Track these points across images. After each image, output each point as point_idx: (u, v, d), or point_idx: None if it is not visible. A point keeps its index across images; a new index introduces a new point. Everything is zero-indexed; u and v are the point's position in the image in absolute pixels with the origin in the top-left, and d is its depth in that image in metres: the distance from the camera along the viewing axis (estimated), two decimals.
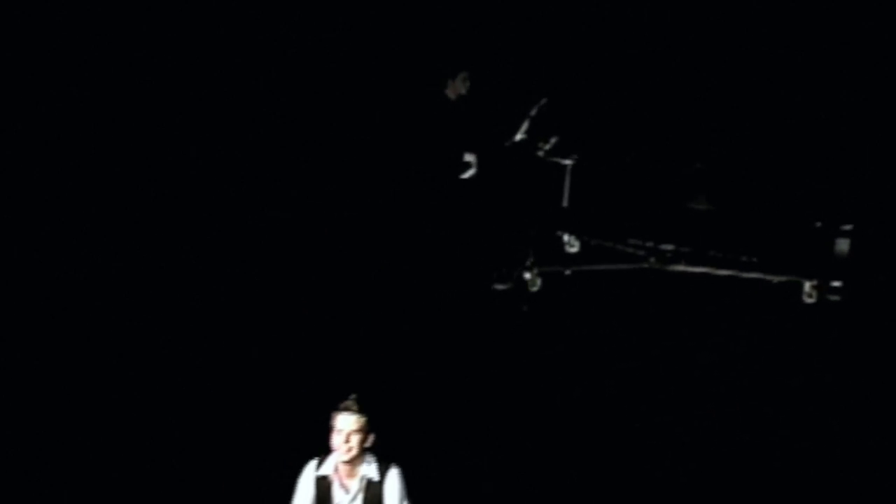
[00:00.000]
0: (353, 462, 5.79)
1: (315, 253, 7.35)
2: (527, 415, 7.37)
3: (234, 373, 7.19)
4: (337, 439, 5.75)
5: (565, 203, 7.29)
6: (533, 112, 7.51)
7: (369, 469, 5.82)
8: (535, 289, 7.29)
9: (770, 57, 7.24)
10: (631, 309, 7.42)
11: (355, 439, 5.73)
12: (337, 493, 5.82)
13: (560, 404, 7.39)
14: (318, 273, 7.35)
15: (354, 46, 7.34)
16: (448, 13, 7.27)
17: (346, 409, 5.75)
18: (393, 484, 5.81)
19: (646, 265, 7.24)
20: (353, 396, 5.79)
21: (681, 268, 7.26)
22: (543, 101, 7.55)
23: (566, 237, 7.48)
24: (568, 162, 7.28)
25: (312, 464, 5.86)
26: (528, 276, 7.32)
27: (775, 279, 7.19)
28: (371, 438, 5.80)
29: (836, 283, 7.21)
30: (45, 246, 7.02)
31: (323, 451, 5.82)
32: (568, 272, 7.29)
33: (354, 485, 5.82)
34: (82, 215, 7.10)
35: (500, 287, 7.27)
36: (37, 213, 7.03)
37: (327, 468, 5.84)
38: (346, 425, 5.73)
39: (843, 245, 7.15)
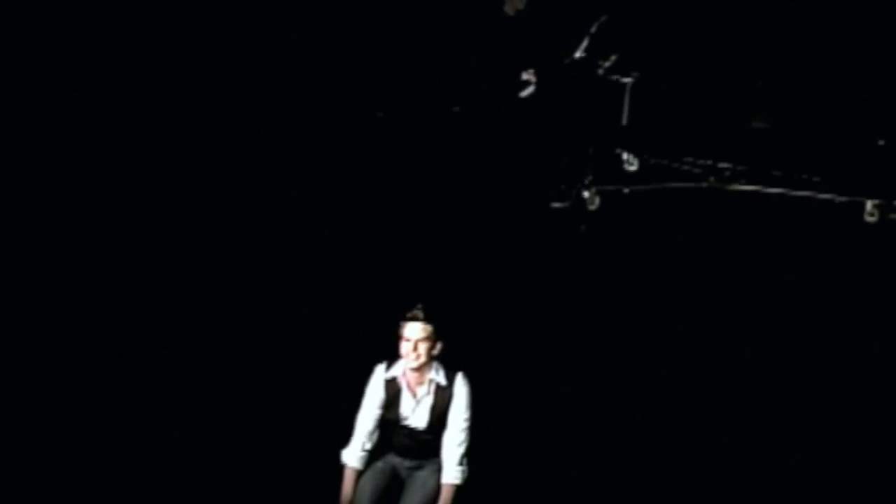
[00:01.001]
0: (421, 369, 5.85)
1: (381, 173, 7.41)
2: (584, 332, 7.36)
3: (307, 287, 7.29)
4: (405, 347, 5.81)
5: (625, 121, 7.25)
6: (593, 29, 7.45)
7: (437, 376, 5.89)
8: (593, 207, 7.28)
9: None
10: (689, 228, 7.35)
11: (423, 347, 5.79)
12: (405, 398, 5.89)
13: (617, 322, 7.36)
14: (388, 188, 7.41)
15: None
16: None
17: (414, 317, 5.81)
18: (460, 390, 5.88)
19: (705, 184, 7.19)
20: (419, 306, 5.84)
21: (741, 187, 7.21)
22: (603, 17, 7.48)
23: (625, 155, 7.43)
24: (628, 80, 7.22)
25: (381, 366, 5.94)
26: (586, 194, 7.30)
27: (837, 198, 7.14)
28: (439, 346, 5.86)
29: None
30: (45, 246, 7.02)
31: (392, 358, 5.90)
32: (626, 191, 7.26)
33: (422, 391, 5.88)
34: (82, 215, 7.11)
35: (557, 205, 7.27)
36: (36, 212, 7.03)
37: (396, 371, 5.91)
38: (413, 334, 5.79)
39: None
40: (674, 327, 7.29)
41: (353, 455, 5.90)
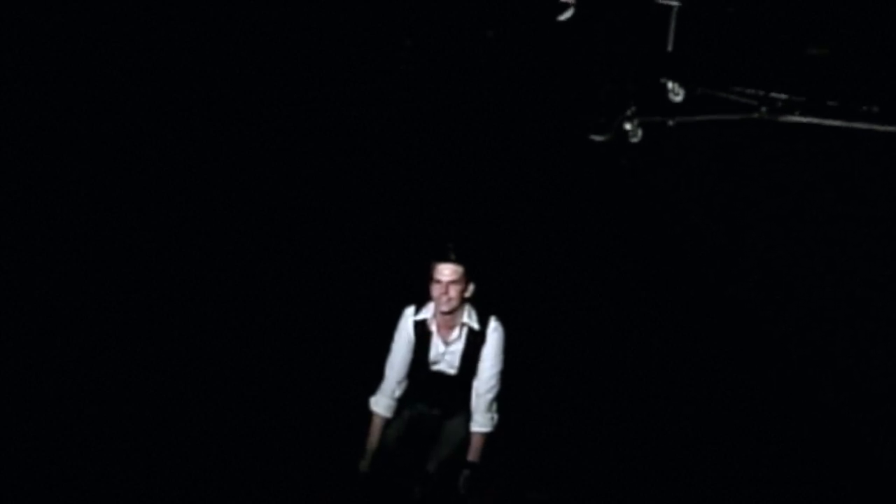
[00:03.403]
0: (453, 313, 5.63)
1: (412, 104, 7.30)
2: (625, 269, 7.23)
3: (336, 226, 7.24)
4: (436, 290, 5.58)
5: (670, 48, 7.04)
6: None
7: (469, 320, 5.69)
8: (635, 140, 7.13)
9: None
10: (738, 162, 7.17)
11: (454, 289, 5.56)
12: (435, 343, 5.69)
13: (659, 260, 7.22)
14: (419, 119, 7.30)
15: None
16: None
17: (445, 258, 5.56)
18: (493, 335, 5.66)
19: (756, 115, 6.98)
20: (451, 245, 5.60)
21: (794, 118, 6.99)
22: None
23: (670, 85, 7.23)
24: (674, 3, 6.99)
25: (410, 309, 5.73)
26: (628, 126, 7.14)
27: (894, 129, 6.86)
28: (471, 288, 5.63)
29: None
30: (45, 246, 6.92)
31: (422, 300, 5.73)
32: (671, 123, 7.09)
33: (453, 335, 5.68)
34: (82, 215, 7.01)
35: (598, 138, 7.11)
36: (36, 212, 6.95)
37: (426, 314, 5.70)
38: (444, 275, 5.56)
39: None
40: (718, 266, 7.16)
41: (381, 403, 5.72)
